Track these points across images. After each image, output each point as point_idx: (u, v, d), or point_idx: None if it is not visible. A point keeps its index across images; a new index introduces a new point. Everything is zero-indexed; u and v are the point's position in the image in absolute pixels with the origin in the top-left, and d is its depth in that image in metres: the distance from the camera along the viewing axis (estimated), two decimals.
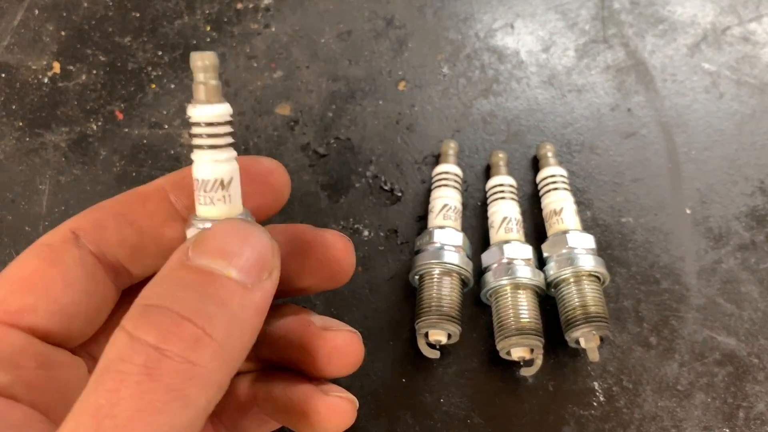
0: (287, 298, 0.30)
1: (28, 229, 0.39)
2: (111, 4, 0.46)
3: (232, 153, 0.24)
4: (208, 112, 0.23)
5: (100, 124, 0.42)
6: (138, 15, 0.46)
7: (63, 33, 0.45)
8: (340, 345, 0.28)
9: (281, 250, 0.25)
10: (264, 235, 0.22)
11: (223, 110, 0.23)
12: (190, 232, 0.24)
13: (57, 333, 0.24)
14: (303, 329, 0.28)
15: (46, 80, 0.43)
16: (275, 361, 0.29)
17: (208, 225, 0.23)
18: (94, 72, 0.44)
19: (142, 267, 0.27)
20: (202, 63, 0.23)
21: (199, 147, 0.23)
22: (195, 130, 0.23)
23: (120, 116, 0.43)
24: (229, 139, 0.24)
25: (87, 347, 0.26)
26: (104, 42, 0.45)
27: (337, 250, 0.28)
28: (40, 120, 0.42)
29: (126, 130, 0.42)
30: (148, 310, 0.20)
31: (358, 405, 0.28)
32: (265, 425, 0.30)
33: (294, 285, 0.28)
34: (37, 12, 0.45)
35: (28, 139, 0.42)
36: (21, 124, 0.42)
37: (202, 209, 0.24)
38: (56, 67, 0.44)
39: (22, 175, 0.41)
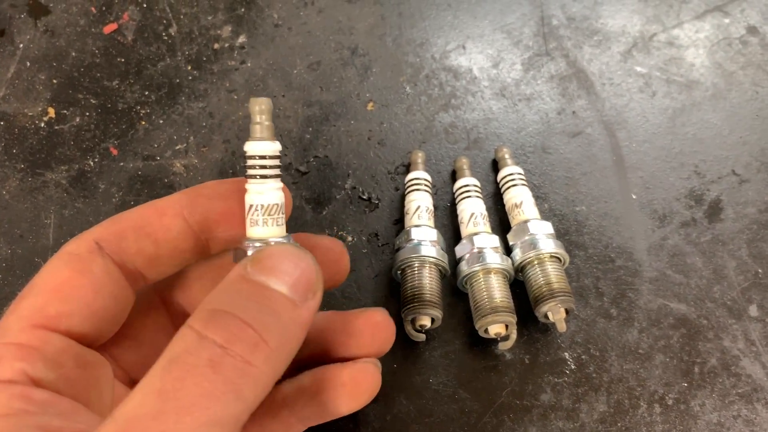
0: None
1: (38, 260, 0.43)
2: (97, 51, 0.50)
3: (281, 183, 0.27)
4: (264, 147, 0.26)
5: (96, 160, 0.46)
6: (123, 60, 0.50)
7: (55, 81, 0.49)
8: (380, 320, 0.33)
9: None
10: (312, 261, 0.26)
11: (276, 146, 0.27)
12: (249, 252, 0.27)
13: (89, 335, 0.27)
14: (343, 315, 0.32)
15: (42, 125, 0.47)
16: (309, 358, 0.32)
17: (260, 245, 0.26)
18: (87, 114, 0.48)
19: (157, 273, 0.30)
20: (259, 107, 0.26)
21: (254, 177, 0.27)
22: (251, 162, 0.26)
23: (114, 152, 0.46)
24: (279, 171, 0.27)
25: (105, 347, 0.29)
26: (94, 86, 0.49)
27: (334, 253, 0.33)
28: (40, 161, 0.46)
29: (121, 164, 0.46)
30: (215, 314, 0.23)
31: (381, 366, 0.32)
32: (289, 429, 0.32)
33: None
34: (29, 64, 0.49)
35: (30, 179, 0.45)
36: (23, 166, 0.46)
37: (257, 230, 0.27)
38: (51, 112, 0.48)
39: (27, 212, 0.44)
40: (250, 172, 0.27)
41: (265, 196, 0.27)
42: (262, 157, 0.26)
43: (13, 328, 0.25)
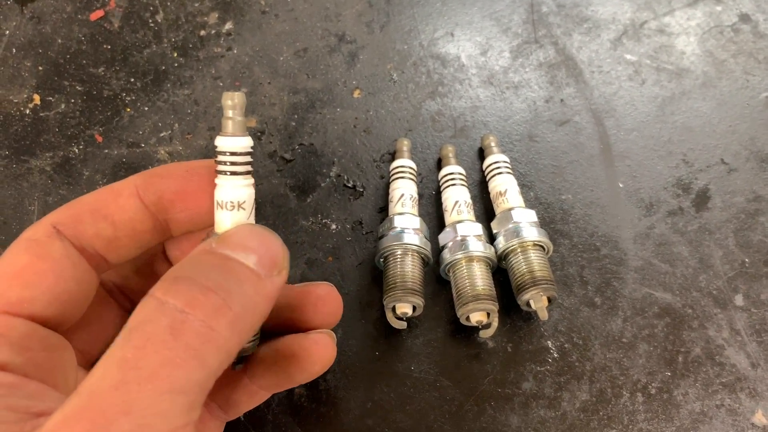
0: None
1: None
2: (83, 38, 0.50)
3: (251, 179, 0.27)
4: (234, 143, 0.26)
5: (81, 147, 0.46)
6: (109, 47, 0.49)
7: (40, 68, 0.48)
8: (323, 294, 0.33)
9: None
10: (278, 240, 0.26)
11: (247, 142, 0.27)
12: None
13: (53, 318, 0.27)
14: (288, 290, 0.33)
15: (27, 111, 0.47)
16: (267, 330, 0.33)
17: None
18: (72, 101, 0.47)
19: (117, 256, 0.29)
20: (231, 102, 0.26)
21: (224, 173, 0.26)
22: (221, 158, 0.26)
23: (99, 139, 0.46)
24: (250, 168, 0.27)
25: (68, 332, 0.29)
26: (80, 73, 0.48)
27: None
28: (24, 148, 0.46)
29: (106, 151, 0.46)
30: (177, 280, 0.23)
31: (336, 338, 0.33)
32: (254, 397, 0.33)
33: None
34: (14, 50, 0.49)
35: (15, 165, 0.45)
36: (7, 152, 0.46)
37: (225, 226, 0.27)
38: (36, 99, 0.47)
39: (11, 198, 0.44)
40: (221, 167, 0.27)
41: (235, 192, 0.27)
42: (233, 154, 0.26)
43: None
